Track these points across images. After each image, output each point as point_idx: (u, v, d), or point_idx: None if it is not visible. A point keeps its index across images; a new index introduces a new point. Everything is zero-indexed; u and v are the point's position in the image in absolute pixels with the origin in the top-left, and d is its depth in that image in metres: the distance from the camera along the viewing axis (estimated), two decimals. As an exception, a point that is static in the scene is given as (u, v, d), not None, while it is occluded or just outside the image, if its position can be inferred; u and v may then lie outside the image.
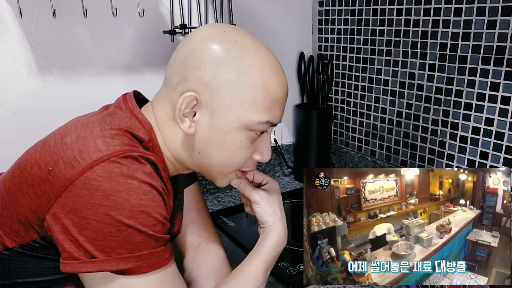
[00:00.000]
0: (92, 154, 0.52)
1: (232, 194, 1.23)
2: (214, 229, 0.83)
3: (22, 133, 0.89)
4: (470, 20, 0.91)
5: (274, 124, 0.62)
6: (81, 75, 0.97)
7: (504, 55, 0.87)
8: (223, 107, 0.58)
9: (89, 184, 0.50)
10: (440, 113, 1.02)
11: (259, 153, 0.64)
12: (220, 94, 0.57)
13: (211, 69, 0.57)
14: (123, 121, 0.59)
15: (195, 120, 0.59)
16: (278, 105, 0.61)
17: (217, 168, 0.63)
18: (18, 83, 0.91)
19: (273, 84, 0.59)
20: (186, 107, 0.58)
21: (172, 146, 0.62)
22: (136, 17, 0.98)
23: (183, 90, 0.58)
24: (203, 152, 0.61)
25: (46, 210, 0.51)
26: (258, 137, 0.62)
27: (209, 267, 0.75)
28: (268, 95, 0.58)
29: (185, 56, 0.59)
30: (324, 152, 1.28)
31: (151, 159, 0.55)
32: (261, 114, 0.59)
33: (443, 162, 1.04)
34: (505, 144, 0.90)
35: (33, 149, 0.57)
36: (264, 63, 0.59)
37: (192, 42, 0.59)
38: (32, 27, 0.89)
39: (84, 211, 0.50)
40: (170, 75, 0.61)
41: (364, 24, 1.15)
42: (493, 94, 0.90)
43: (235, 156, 0.61)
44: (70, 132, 0.56)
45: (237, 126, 0.59)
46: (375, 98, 1.17)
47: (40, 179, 0.53)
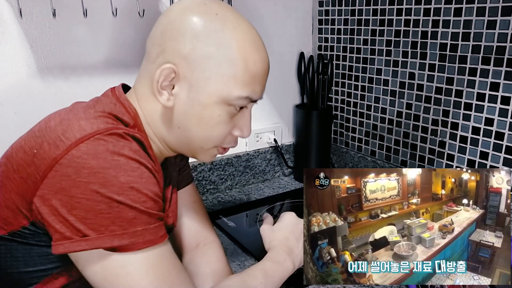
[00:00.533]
0: (76, 133, 0.51)
1: (232, 194, 1.23)
2: (212, 229, 0.82)
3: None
4: (470, 20, 0.91)
5: (253, 100, 0.61)
6: (81, 75, 0.97)
7: (504, 55, 0.87)
8: (202, 81, 0.57)
9: (75, 162, 0.49)
10: (440, 113, 1.02)
11: (239, 129, 0.64)
12: (199, 67, 0.57)
13: (190, 41, 0.56)
14: (107, 106, 0.59)
15: (173, 93, 0.59)
16: (258, 80, 0.60)
17: (197, 142, 0.62)
18: (18, 83, 0.90)
19: (253, 59, 0.58)
20: (164, 80, 0.57)
21: (153, 123, 0.62)
22: (136, 17, 0.98)
23: (161, 62, 0.58)
24: (182, 127, 0.60)
25: (34, 192, 0.51)
26: (237, 112, 0.61)
27: (208, 268, 0.74)
28: (247, 70, 0.58)
29: (165, 27, 0.59)
30: (324, 152, 1.28)
31: (136, 136, 0.55)
32: (240, 89, 0.58)
33: (443, 162, 1.04)
34: (505, 144, 0.91)
35: (19, 139, 0.58)
36: (245, 37, 0.58)
37: (172, 13, 0.59)
38: (32, 27, 0.89)
39: (72, 190, 0.49)
40: (150, 47, 0.60)
41: (364, 24, 1.15)
42: (493, 94, 0.90)
43: (213, 130, 0.61)
44: (54, 117, 0.56)
45: (215, 100, 0.58)
46: (375, 98, 1.17)
47: (26, 163, 0.52)
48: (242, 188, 1.27)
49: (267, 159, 1.31)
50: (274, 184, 1.30)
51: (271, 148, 1.31)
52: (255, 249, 0.92)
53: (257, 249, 0.93)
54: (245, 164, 1.26)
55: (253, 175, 1.30)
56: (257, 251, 0.91)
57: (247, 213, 1.11)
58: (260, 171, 1.31)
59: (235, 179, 1.26)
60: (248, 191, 1.25)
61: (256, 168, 1.30)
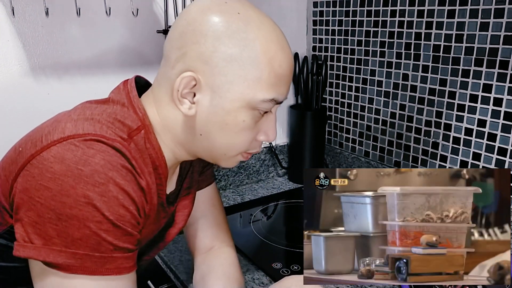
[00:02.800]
0: (55, 135, 0.50)
1: (226, 194, 1.23)
2: (229, 234, 0.81)
3: (14, 132, 0.88)
4: (463, 22, 0.92)
5: (279, 102, 0.58)
6: (74, 75, 0.96)
7: (497, 57, 0.87)
8: (225, 85, 0.54)
9: (42, 164, 0.48)
10: (433, 114, 1.02)
11: (264, 133, 0.60)
12: (222, 71, 0.54)
13: (211, 44, 0.53)
14: (111, 107, 0.57)
15: (195, 101, 0.56)
16: (284, 81, 0.57)
17: (220, 150, 0.59)
18: (10, 83, 0.90)
19: (278, 59, 0.55)
20: (185, 88, 0.54)
21: (172, 129, 0.59)
22: (130, 17, 0.98)
23: (181, 68, 0.55)
24: (205, 134, 0.57)
25: (11, 190, 0.50)
26: (261, 116, 0.58)
27: (220, 270, 0.73)
28: (273, 71, 0.55)
29: (184, 29, 0.55)
30: (318, 153, 1.28)
31: (116, 146, 0.50)
32: (265, 91, 0.55)
33: (436, 163, 1.04)
34: (497, 145, 0.91)
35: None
36: (270, 37, 0.54)
37: (191, 14, 0.55)
38: (24, 26, 0.89)
39: (32, 191, 0.47)
40: (169, 50, 0.57)
41: (358, 26, 1.16)
42: (486, 95, 0.91)
43: (238, 137, 0.57)
44: (54, 117, 0.55)
45: (239, 105, 0.55)
46: (369, 99, 1.18)
47: (11, 160, 0.52)
48: (236, 189, 1.27)
49: (261, 160, 1.31)
50: (268, 184, 1.30)
51: (265, 148, 1.31)
52: (249, 250, 0.92)
53: (251, 250, 0.92)
54: (239, 164, 1.26)
55: (247, 176, 1.30)
56: (250, 252, 0.91)
57: (241, 214, 1.10)
58: (254, 172, 1.31)
59: (229, 179, 1.26)
60: (242, 192, 1.25)
61: (250, 169, 1.30)
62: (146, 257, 0.69)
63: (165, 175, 0.60)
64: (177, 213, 0.71)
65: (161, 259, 0.91)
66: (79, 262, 0.47)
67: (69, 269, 0.47)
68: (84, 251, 0.47)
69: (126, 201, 0.50)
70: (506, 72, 0.87)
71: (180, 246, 0.95)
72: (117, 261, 0.50)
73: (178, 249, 0.94)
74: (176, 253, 0.92)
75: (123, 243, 0.50)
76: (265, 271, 0.85)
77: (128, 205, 0.50)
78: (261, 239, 0.97)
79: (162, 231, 0.69)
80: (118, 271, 0.50)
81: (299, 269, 0.85)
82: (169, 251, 0.93)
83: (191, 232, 0.79)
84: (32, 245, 0.47)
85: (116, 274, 0.50)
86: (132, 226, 0.51)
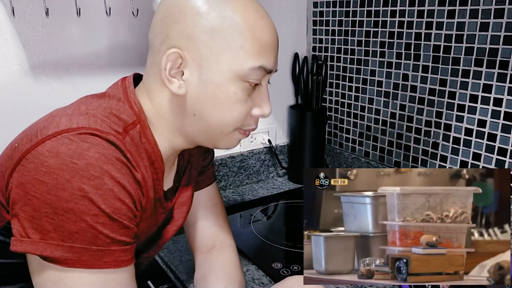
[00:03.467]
0: (50, 130, 0.50)
1: (226, 195, 1.23)
2: (230, 234, 0.81)
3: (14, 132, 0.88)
4: (463, 22, 0.92)
5: (268, 70, 0.58)
6: (74, 75, 0.96)
7: (497, 57, 0.87)
8: (210, 58, 0.54)
9: (37, 159, 0.48)
10: (433, 114, 1.02)
11: (258, 107, 0.60)
12: (205, 44, 0.54)
13: (191, 19, 0.54)
14: (106, 102, 0.57)
15: (184, 79, 0.56)
16: (269, 49, 0.57)
17: (215, 127, 0.58)
18: (10, 82, 0.90)
19: (260, 27, 0.55)
20: (172, 67, 0.55)
21: (165, 116, 0.59)
22: (130, 17, 0.98)
23: (166, 49, 0.55)
24: (198, 113, 0.57)
25: (7, 185, 0.50)
26: (253, 89, 0.58)
27: (221, 269, 0.73)
28: (256, 39, 0.55)
29: (164, 14, 0.56)
30: (318, 153, 1.28)
31: (110, 139, 0.50)
32: (252, 59, 0.55)
33: (436, 163, 1.04)
34: (497, 145, 0.91)
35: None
36: (248, 6, 0.55)
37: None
38: (24, 26, 0.89)
39: (28, 186, 0.47)
40: (153, 38, 0.58)
41: (358, 26, 1.16)
42: (486, 95, 0.91)
43: (231, 111, 0.57)
44: (49, 113, 0.55)
45: (228, 76, 0.55)
46: (369, 99, 1.18)
47: (7, 156, 0.52)
48: (236, 189, 1.27)
49: (261, 160, 1.31)
50: (268, 184, 1.30)
51: (265, 148, 1.31)
52: (249, 250, 0.92)
53: (251, 250, 0.92)
54: (239, 164, 1.26)
55: (247, 176, 1.30)
56: (250, 252, 0.91)
57: (241, 214, 1.10)
58: (254, 172, 1.31)
59: (229, 179, 1.26)
60: (242, 192, 1.25)
61: (250, 169, 1.30)
62: (145, 254, 0.69)
63: (162, 169, 0.60)
64: (176, 210, 0.71)
65: (161, 259, 0.91)
66: (77, 255, 0.47)
67: (67, 263, 0.47)
68: (81, 245, 0.47)
69: (122, 194, 0.50)
70: (506, 72, 0.87)
71: (180, 246, 0.95)
72: (115, 254, 0.50)
73: (178, 249, 0.94)
74: (176, 253, 0.92)
75: (120, 236, 0.50)
76: (265, 271, 0.85)
77: (124, 198, 0.50)
78: (261, 239, 0.97)
79: (160, 228, 0.69)
80: (116, 264, 0.50)
81: (299, 269, 0.85)
82: (169, 251, 0.93)
83: (192, 232, 0.79)
84: (29, 239, 0.47)
85: (114, 267, 0.50)
86: (128, 219, 0.51)
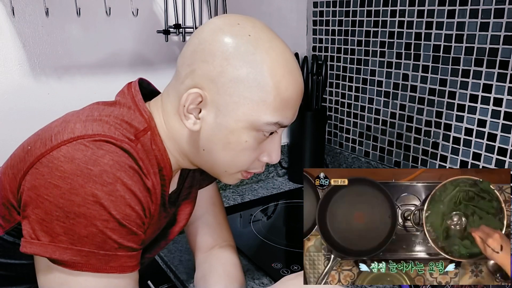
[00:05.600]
0: (65, 135, 0.51)
1: (226, 195, 1.23)
2: (229, 234, 0.81)
3: (14, 133, 0.88)
4: (463, 22, 0.92)
5: (284, 126, 0.59)
6: (74, 75, 0.96)
7: (497, 57, 0.87)
8: (230, 105, 0.55)
9: (52, 163, 0.48)
10: (433, 114, 1.02)
11: (267, 154, 0.61)
12: (227, 91, 0.54)
13: (219, 64, 0.54)
14: (118, 109, 0.58)
15: (200, 116, 0.57)
16: (290, 105, 0.58)
17: (221, 166, 0.60)
18: (10, 83, 0.90)
19: (285, 83, 0.55)
20: (191, 104, 0.55)
21: (177, 140, 0.60)
22: (130, 17, 0.98)
23: (189, 84, 0.56)
24: (208, 150, 0.58)
25: (19, 187, 0.51)
26: (266, 138, 0.59)
27: (221, 269, 0.74)
28: (279, 95, 0.55)
29: (195, 47, 0.56)
30: (318, 153, 1.28)
31: (125, 147, 0.51)
32: (270, 114, 0.55)
33: (436, 163, 1.04)
34: (497, 145, 0.91)
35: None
36: (278, 60, 0.55)
37: (203, 33, 0.57)
38: (24, 26, 0.89)
39: (41, 189, 0.48)
40: (180, 66, 0.59)
41: (358, 26, 1.16)
42: (486, 95, 0.91)
43: (239, 156, 0.58)
44: (63, 117, 0.56)
45: (243, 125, 0.56)
46: (369, 99, 1.18)
47: (19, 158, 0.52)
48: (236, 189, 1.27)
49: (261, 160, 1.31)
50: (268, 184, 1.30)
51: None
52: (249, 250, 0.92)
53: (251, 250, 0.93)
54: (239, 164, 1.26)
55: (247, 176, 1.30)
56: (250, 252, 0.91)
57: (241, 214, 1.10)
58: (254, 172, 1.31)
59: (229, 179, 1.26)
60: (242, 192, 1.25)
61: (250, 169, 1.29)
62: (148, 255, 0.69)
63: (169, 176, 0.61)
64: (179, 212, 0.72)
65: (161, 259, 0.91)
66: (85, 259, 0.48)
67: (75, 266, 0.48)
68: (89, 249, 0.48)
69: (133, 201, 0.51)
70: (506, 72, 0.87)
71: (180, 246, 0.95)
72: (121, 260, 0.50)
73: (178, 249, 0.94)
74: (176, 253, 0.92)
75: (127, 242, 0.51)
76: (265, 271, 0.85)
77: (134, 205, 0.51)
78: (261, 239, 0.97)
79: (164, 229, 0.70)
80: (121, 269, 0.51)
81: (299, 269, 0.85)
82: (169, 251, 0.93)
83: (191, 231, 0.79)
84: (38, 241, 0.48)
85: (119, 273, 0.50)
86: (137, 226, 0.52)
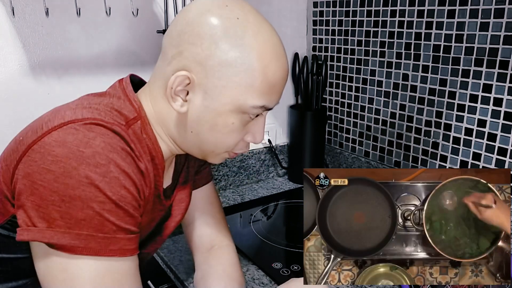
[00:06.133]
0: (55, 122, 0.51)
1: (226, 195, 1.23)
2: (228, 233, 0.81)
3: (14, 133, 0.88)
4: (463, 22, 0.92)
5: (269, 108, 0.60)
6: (74, 75, 0.96)
7: (497, 57, 0.87)
8: (217, 88, 0.55)
9: (43, 149, 0.48)
10: (433, 114, 1.02)
11: (251, 135, 0.62)
12: (215, 74, 0.55)
13: (207, 47, 0.54)
14: (107, 99, 0.58)
15: (187, 99, 0.57)
16: (276, 89, 0.58)
17: (208, 147, 0.61)
18: (10, 83, 0.90)
19: (272, 68, 0.56)
20: (178, 86, 0.56)
21: (164, 124, 0.61)
22: (130, 17, 0.98)
23: (177, 66, 0.56)
24: (195, 131, 0.59)
25: (12, 178, 0.51)
26: (251, 120, 0.60)
27: (221, 269, 0.74)
28: (266, 80, 0.56)
29: (183, 28, 0.56)
30: (318, 153, 1.28)
31: (116, 130, 0.51)
32: (256, 98, 0.56)
33: (436, 163, 1.04)
34: (497, 145, 0.91)
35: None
36: (266, 45, 0.55)
37: (190, 14, 0.56)
38: (24, 26, 0.89)
39: (35, 175, 0.48)
40: (166, 47, 0.58)
41: (358, 26, 1.16)
42: (486, 95, 0.91)
43: (226, 137, 0.59)
44: (54, 108, 0.56)
45: (230, 108, 0.56)
46: (369, 99, 1.18)
47: (12, 150, 0.52)
48: (236, 189, 1.27)
49: (261, 160, 1.31)
50: (268, 184, 1.30)
51: (265, 148, 1.31)
52: (249, 250, 0.92)
53: (251, 250, 0.92)
54: (239, 164, 1.26)
55: (247, 176, 1.30)
56: (250, 252, 0.91)
57: (241, 214, 1.10)
58: (254, 172, 1.31)
59: (229, 179, 1.26)
60: (242, 192, 1.25)
61: (250, 169, 1.30)
62: (144, 250, 0.69)
63: (162, 166, 0.62)
64: (174, 207, 0.72)
65: (161, 259, 0.91)
66: (84, 243, 0.48)
67: (74, 250, 0.48)
68: (88, 232, 0.48)
69: (127, 182, 0.51)
70: (506, 72, 0.87)
71: (180, 246, 0.95)
72: (120, 242, 0.50)
73: (178, 249, 0.94)
74: (176, 253, 0.92)
75: (125, 224, 0.50)
76: (265, 271, 0.85)
77: (129, 186, 0.51)
78: (261, 239, 0.97)
79: (159, 224, 0.70)
80: (121, 252, 0.50)
81: (299, 269, 0.85)
82: (169, 251, 0.93)
83: (190, 231, 0.80)
84: (36, 228, 0.47)
85: (120, 256, 0.50)
86: (133, 208, 0.52)
